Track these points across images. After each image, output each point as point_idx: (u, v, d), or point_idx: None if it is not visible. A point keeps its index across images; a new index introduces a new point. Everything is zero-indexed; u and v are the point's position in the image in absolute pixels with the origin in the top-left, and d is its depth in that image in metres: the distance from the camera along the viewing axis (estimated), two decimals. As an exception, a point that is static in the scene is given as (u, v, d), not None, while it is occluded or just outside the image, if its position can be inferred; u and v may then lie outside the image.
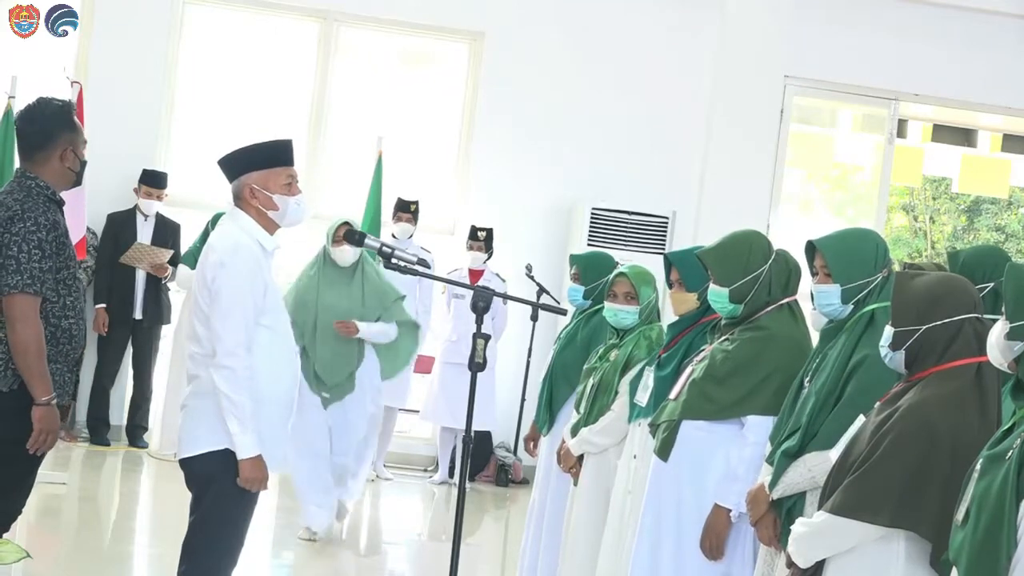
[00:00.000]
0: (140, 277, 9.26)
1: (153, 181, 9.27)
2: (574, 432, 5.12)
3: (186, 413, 4.21)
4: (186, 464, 4.20)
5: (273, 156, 4.21)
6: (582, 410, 5.11)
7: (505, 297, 4.99)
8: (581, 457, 5.10)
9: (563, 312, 4.88)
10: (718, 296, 4.24)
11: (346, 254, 6.94)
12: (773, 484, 3.73)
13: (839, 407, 3.62)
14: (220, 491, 4.12)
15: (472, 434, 4.28)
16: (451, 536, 4.25)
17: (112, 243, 9.22)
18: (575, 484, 5.15)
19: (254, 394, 4.04)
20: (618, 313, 5.07)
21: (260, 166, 4.18)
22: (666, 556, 4.24)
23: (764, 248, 4.26)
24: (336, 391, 6.95)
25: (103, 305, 9.20)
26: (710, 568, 4.16)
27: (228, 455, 4.08)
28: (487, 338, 4.28)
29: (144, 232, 9.29)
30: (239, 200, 4.20)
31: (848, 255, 3.78)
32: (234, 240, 4.12)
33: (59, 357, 4.33)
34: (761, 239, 4.31)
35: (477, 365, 4.20)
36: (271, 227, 4.21)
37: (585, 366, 5.28)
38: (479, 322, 4.23)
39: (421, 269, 4.69)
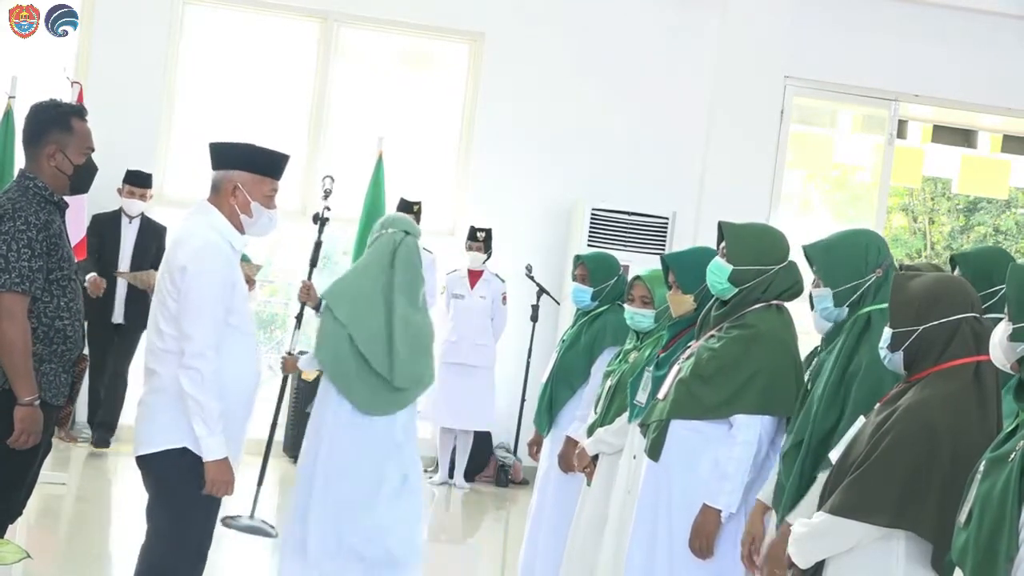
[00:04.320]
0: (121, 282, 9.02)
1: (137, 180, 9.08)
2: (590, 432, 5.14)
3: (144, 409, 4.16)
4: (143, 462, 4.14)
5: (270, 165, 4.23)
6: (599, 410, 5.13)
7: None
8: (596, 457, 5.12)
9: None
10: (719, 270, 4.25)
11: None
12: (790, 505, 3.62)
13: (844, 420, 3.57)
14: (179, 491, 4.06)
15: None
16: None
17: (97, 244, 8.88)
18: (588, 484, 5.16)
19: (219, 393, 3.99)
20: (634, 316, 5.12)
21: (253, 169, 4.18)
22: (659, 557, 4.25)
23: (783, 250, 4.31)
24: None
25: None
26: (702, 568, 4.17)
27: (187, 453, 4.02)
28: None
29: (128, 233, 9.08)
30: (217, 192, 4.18)
31: (836, 259, 3.82)
32: (204, 239, 4.09)
33: (53, 358, 4.29)
34: (784, 242, 4.36)
35: None
36: (239, 228, 4.20)
37: (606, 368, 5.30)
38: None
39: None
